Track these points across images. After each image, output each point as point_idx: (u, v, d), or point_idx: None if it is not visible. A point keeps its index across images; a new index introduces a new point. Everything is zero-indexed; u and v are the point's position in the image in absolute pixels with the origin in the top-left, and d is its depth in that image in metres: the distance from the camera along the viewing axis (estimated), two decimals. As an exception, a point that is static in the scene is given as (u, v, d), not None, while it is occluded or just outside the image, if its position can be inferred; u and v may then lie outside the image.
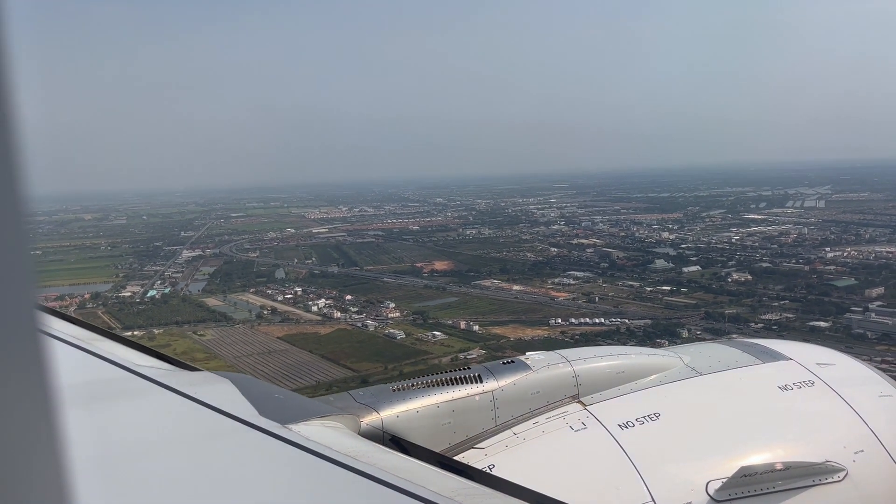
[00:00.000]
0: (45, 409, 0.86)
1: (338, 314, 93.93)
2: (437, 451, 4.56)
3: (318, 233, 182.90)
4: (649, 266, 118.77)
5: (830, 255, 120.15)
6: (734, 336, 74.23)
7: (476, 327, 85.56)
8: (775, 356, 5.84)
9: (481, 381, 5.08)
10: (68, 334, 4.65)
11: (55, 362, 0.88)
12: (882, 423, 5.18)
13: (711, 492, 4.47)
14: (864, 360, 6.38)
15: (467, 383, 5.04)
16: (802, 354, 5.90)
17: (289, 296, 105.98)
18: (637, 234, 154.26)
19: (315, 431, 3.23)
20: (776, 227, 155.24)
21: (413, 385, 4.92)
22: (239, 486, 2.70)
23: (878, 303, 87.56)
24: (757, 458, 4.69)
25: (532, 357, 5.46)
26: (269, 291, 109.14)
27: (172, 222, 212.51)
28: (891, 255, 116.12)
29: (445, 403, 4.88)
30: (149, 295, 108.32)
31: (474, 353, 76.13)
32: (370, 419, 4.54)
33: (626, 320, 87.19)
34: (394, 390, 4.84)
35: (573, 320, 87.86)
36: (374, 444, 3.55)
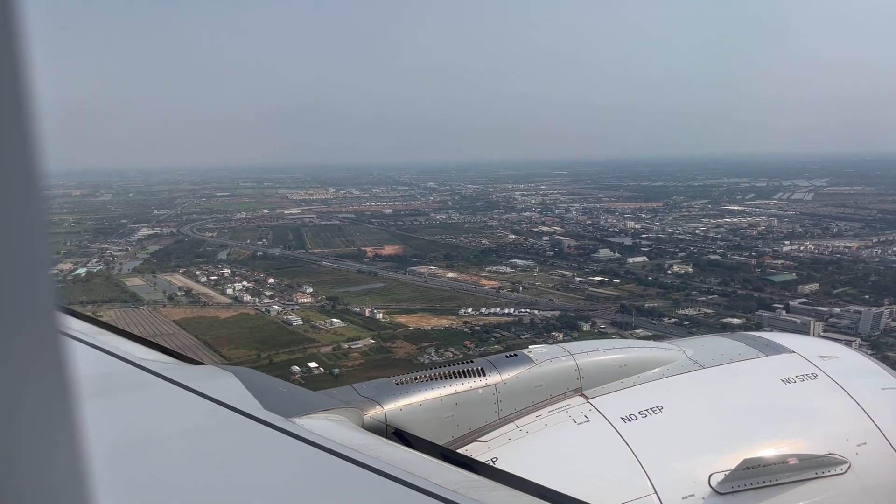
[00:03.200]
0: (65, 406, 0.87)
1: (248, 297, 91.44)
2: (441, 444, 4.50)
3: (289, 214, 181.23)
4: (593, 256, 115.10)
5: (786, 248, 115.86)
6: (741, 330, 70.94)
7: (380, 315, 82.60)
8: (778, 349, 5.79)
9: (484, 375, 5.05)
10: (71, 328, 4.55)
11: (72, 359, 0.89)
12: (885, 416, 5.16)
13: (714, 484, 4.44)
14: (867, 352, 6.28)
15: (470, 377, 5.01)
16: (805, 347, 5.84)
17: (214, 277, 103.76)
18: (602, 223, 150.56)
19: (318, 425, 3.23)
20: (749, 219, 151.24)
21: (416, 378, 4.90)
22: (243, 479, 2.71)
23: (802, 300, 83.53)
24: (760, 451, 4.67)
25: (535, 350, 5.40)
26: (198, 272, 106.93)
27: (156, 200, 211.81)
28: (846, 251, 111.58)
29: (448, 397, 4.87)
30: (75, 273, 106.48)
31: (361, 343, 73.32)
32: (373, 412, 4.52)
33: (537, 311, 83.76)
34: (397, 384, 4.82)
35: (483, 310, 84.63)
36: (377, 437, 3.56)
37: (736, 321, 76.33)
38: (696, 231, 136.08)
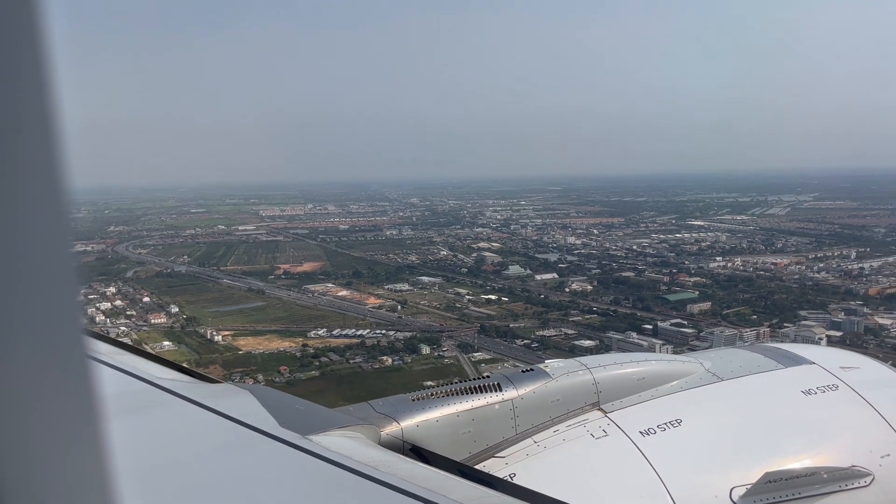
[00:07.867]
0: (93, 428, 0.87)
1: (100, 318, 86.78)
2: (458, 460, 4.47)
3: (242, 230, 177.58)
4: (503, 272, 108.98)
5: (713, 265, 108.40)
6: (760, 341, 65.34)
7: (220, 338, 77.30)
8: (798, 360, 5.65)
9: (501, 390, 4.97)
10: (93, 350, 4.54)
11: (98, 381, 0.89)
12: None
13: (736, 498, 4.36)
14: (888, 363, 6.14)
15: (487, 392, 4.94)
16: (826, 358, 5.69)
17: (93, 296, 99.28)
18: (545, 239, 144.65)
19: (335, 442, 3.24)
20: (702, 234, 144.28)
21: (432, 394, 4.82)
22: (261, 496, 2.72)
23: (676, 321, 76.73)
24: (781, 464, 4.57)
25: (552, 365, 5.31)
26: (84, 291, 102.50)
27: (126, 217, 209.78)
28: (772, 267, 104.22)
29: (465, 412, 4.78)
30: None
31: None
32: (390, 429, 4.46)
33: (392, 332, 77.80)
34: (413, 400, 4.74)
35: (337, 331, 78.98)
36: (394, 453, 3.55)
37: (587, 343, 69.77)
38: (635, 247, 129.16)
